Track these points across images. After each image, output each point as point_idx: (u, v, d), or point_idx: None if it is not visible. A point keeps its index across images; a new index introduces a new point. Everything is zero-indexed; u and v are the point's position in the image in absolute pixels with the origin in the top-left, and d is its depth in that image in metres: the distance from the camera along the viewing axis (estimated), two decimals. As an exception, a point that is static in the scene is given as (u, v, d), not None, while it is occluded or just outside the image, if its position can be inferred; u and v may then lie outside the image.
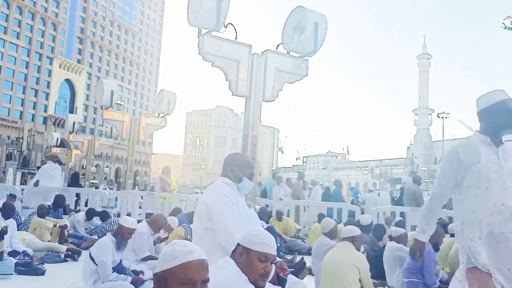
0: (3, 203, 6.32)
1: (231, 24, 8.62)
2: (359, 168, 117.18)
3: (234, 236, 2.51)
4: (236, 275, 1.99)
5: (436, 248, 4.73)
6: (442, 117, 47.21)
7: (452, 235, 6.12)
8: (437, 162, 77.50)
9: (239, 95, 9.03)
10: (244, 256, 2.06)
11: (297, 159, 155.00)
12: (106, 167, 69.22)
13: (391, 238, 5.47)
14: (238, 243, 2.13)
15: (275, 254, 2.13)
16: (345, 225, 7.30)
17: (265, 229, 6.66)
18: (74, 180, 14.46)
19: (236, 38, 8.90)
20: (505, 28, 22.36)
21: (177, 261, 1.47)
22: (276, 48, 9.47)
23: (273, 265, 2.30)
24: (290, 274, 2.70)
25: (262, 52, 9.35)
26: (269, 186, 11.56)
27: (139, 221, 5.25)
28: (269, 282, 2.28)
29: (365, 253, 4.64)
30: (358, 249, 4.13)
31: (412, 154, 74.64)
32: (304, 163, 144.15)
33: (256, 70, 9.08)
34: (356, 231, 4.16)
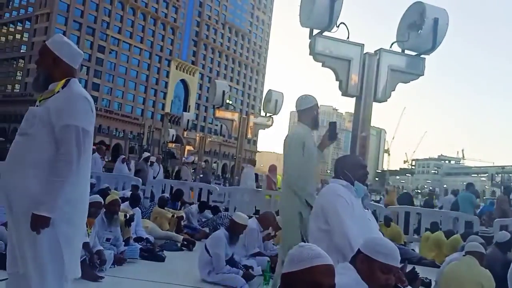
0: (131, 194, 7.01)
1: (343, 23, 8.47)
2: (475, 174, 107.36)
3: (351, 239, 2.47)
4: (356, 283, 1.95)
5: None
6: None
7: None
8: None
9: (350, 95, 8.81)
10: (365, 265, 2.00)
11: (405, 162, 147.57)
12: (214, 162, 73.09)
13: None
14: (359, 249, 2.08)
15: (399, 266, 2.04)
16: (462, 236, 6.75)
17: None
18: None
19: (348, 37, 8.71)
20: None
21: (305, 264, 1.49)
22: (390, 47, 9.06)
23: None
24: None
25: (375, 51, 9.02)
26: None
27: (249, 217, 5.44)
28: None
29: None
30: (482, 265, 3.79)
31: (542, 162, 65.95)
32: (413, 167, 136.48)
33: (368, 69, 8.78)
34: (482, 248, 3.82)
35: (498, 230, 7.25)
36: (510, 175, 66.89)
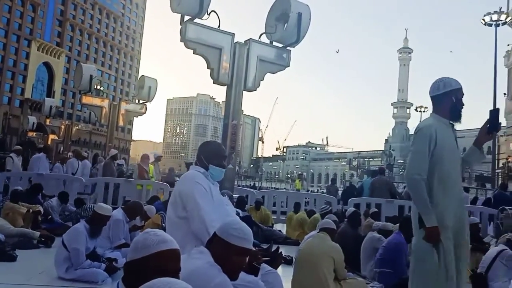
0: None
1: (214, 11, 8.53)
2: (337, 159, 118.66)
3: (208, 225, 2.50)
4: (209, 265, 1.98)
5: (408, 239, 4.82)
6: (420, 111, 48.11)
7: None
8: (414, 156, 78.77)
9: (221, 83, 8.97)
10: (220, 248, 2.03)
11: (277, 149, 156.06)
12: (85, 152, 68.10)
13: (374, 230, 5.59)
14: (215, 233, 2.12)
15: (252, 248, 2.13)
16: (321, 215, 7.39)
17: (241, 217, 6.70)
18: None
19: (219, 26, 8.82)
20: (485, 24, 22.81)
21: (149, 251, 1.46)
22: (259, 38, 9.41)
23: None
24: (263, 263, 2.72)
25: (245, 41, 9.28)
26: (366, 184, 11.17)
27: (115, 208, 5.20)
28: (242, 271, 2.29)
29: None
30: (334, 240, 4.18)
31: (390, 147, 75.81)
32: (284, 154, 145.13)
33: (239, 59, 9.02)
34: (334, 224, 4.22)
35: (351, 207, 8.12)
36: (365, 159, 75.34)
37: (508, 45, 37.63)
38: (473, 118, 27.16)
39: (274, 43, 9.53)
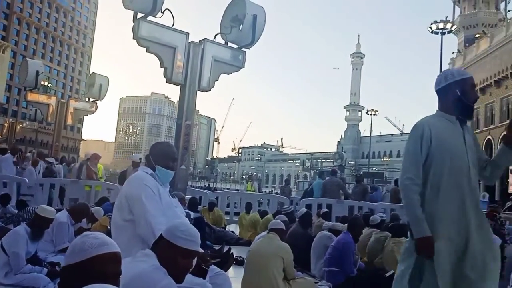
0: None
1: (169, 10, 8.41)
2: (292, 160, 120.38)
3: (155, 228, 2.45)
4: (154, 268, 1.93)
5: (356, 239, 4.97)
6: (371, 114, 49.67)
7: (372, 226, 6.49)
8: (364, 157, 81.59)
9: (174, 82, 8.86)
10: (166, 250, 1.99)
11: (232, 150, 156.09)
12: (29, 152, 64.95)
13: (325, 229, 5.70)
14: (161, 235, 2.07)
15: (199, 250, 2.11)
16: (274, 215, 7.46)
17: (193, 218, 6.62)
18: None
19: (173, 24, 8.71)
20: (431, 32, 23.94)
21: (88, 254, 1.40)
22: (214, 38, 9.37)
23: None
24: (212, 265, 2.70)
25: (199, 41, 9.21)
26: (317, 186, 11.16)
27: (59, 210, 4.99)
28: (190, 273, 2.26)
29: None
30: (283, 240, 4.22)
31: (342, 148, 77.94)
32: (240, 154, 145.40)
33: (193, 58, 8.94)
34: (283, 225, 4.26)
35: (303, 208, 8.25)
36: (318, 160, 76.94)
37: (453, 52, 39.69)
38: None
39: (229, 44, 9.53)
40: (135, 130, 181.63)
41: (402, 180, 2.49)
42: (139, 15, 8.14)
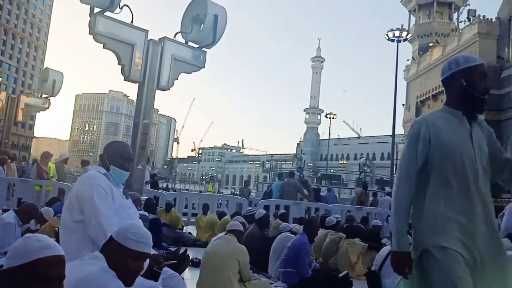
0: None
1: (127, 6, 8.23)
2: (252, 161, 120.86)
3: (106, 229, 2.38)
4: (102, 271, 1.87)
5: (311, 240, 5.05)
6: (330, 118, 50.73)
7: (328, 227, 6.62)
8: (322, 159, 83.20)
9: (132, 80, 8.68)
10: (116, 252, 1.93)
11: (192, 150, 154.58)
12: (-24, 149, 61.49)
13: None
14: (111, 237, 2.02)
15: (151, 253, 2.06)
16: (231, 216, 7.45)
17: (150, 219, 6.48)
18: None
19: (132, 21, 8.53)
20: (388, 39, 24.78)
21: (30, 257, 1.35)
22: (174, 37, 9.26)
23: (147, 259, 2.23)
24: (166, 267, 2.66)
25: (159, 39, 9.07)
26: (276, 187, 11.05)
27: (6, 210, 4.75)
28: (141, 276, 2.21)
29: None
30: (240, 242, 4.22)
31: (301, 151, 79.06)
32: (200, 155, 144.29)
33: (152, 56, 8.79)
34: (241, 226, 4.26)
35: (261, 209, 8.29)
36: (278, 162, 77.64)
37: (408, 60, 41.21)
38: (375, 126, 29.32)
39: (190, 44, 9.44)
40: (91, 128, 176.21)
41: (394, 187, 2.19)
42: (96, 10, 7.92)
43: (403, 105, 39.05)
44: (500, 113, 25.80)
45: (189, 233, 8.66)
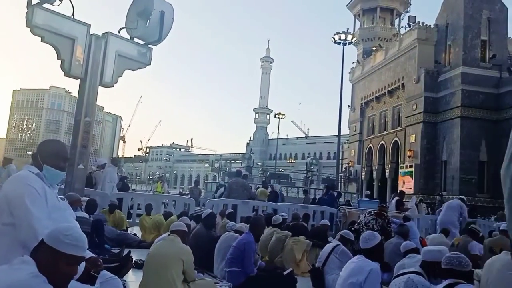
0: None
1: (68, -3, 7.86)
2: (201, 161, 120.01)
3: (39, 233, 2.25)
4: (32, 276, 1.78)
5: (257, 239, 5.08)
6: (279, 118, 51.42)
7: (274, 226, 6.70)
8: (271, 158, 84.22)
9: (73, 76, 8.30)
10: (48, 257, 1.84)
11: (140, 149, 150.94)
12: None
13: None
14: (42, 240, 1.91)
15: (85, 256, 1.98)
16: (178, 217, 7.34)
17: (92, 221, 6.25)
18: None
19: (73, 14, 8.15)
20: (334, 42, 25.47)
21: None
22: (119, 32, 8.97)
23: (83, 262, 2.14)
24: (104, 271, 2.56)
25: (102, 34, 8.74)
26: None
27: None
28: (77, 280, 2.12)
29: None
30: (185, 242, 4.16)
31: (251, 150, 79.56)
32: (147, 154, 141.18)
33: (94, 52, 8.45)
34: (185, 226, 4.21)
35: (208, 208, 8.23)
36: (227, 161, 77.61)
37: (353, 62, 42.54)
38: (322, 127, 30.06)
39: (135, 40, 9.18)
40: (30, 125, 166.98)
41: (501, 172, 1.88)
42: (34, 1, 7.51)
43: (349, 106, 40.32)
44: (436, 115, 27.30)
45: (134, 234, 8.44)
